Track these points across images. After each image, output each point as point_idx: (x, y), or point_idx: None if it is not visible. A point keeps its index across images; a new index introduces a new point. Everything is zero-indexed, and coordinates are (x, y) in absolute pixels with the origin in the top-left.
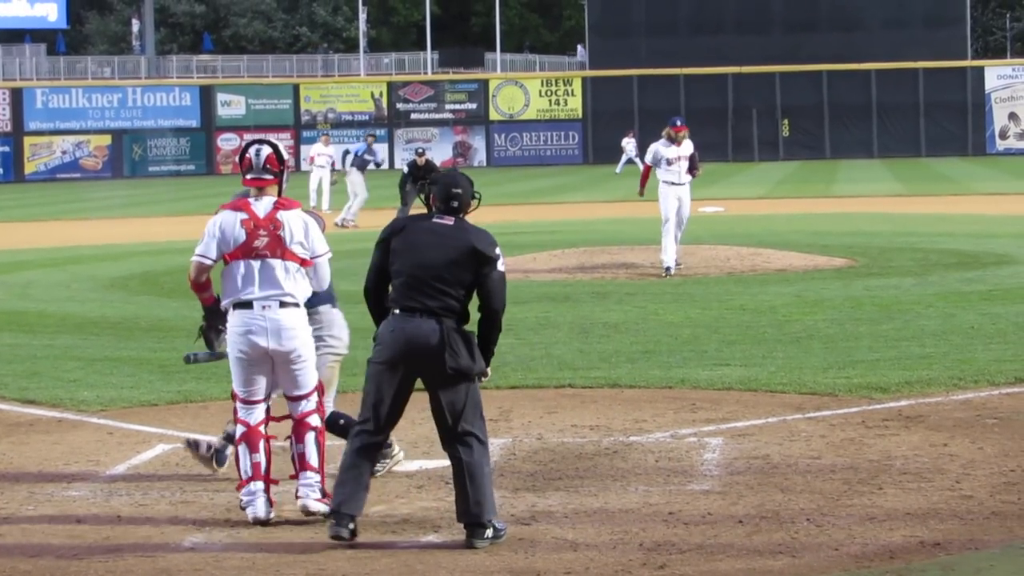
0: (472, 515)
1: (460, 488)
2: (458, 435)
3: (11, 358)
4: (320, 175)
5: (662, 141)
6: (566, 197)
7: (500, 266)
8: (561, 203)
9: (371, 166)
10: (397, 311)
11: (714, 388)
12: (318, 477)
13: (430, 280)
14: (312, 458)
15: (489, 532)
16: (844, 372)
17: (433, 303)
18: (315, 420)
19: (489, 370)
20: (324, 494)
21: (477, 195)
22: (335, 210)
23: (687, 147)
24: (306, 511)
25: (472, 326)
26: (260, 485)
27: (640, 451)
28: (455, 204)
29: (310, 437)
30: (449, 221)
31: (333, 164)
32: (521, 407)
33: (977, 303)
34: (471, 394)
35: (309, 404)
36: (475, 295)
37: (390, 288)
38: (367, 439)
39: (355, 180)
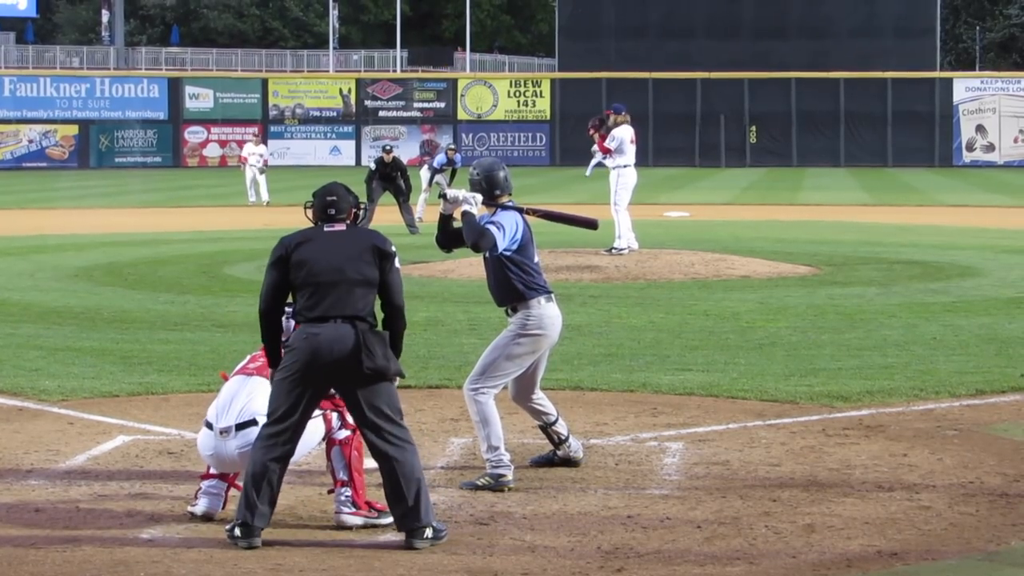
0: (410, 517)
1: (394, 490)
2: (385, 437)
3: None
4: (253, 172)
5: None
6: (532, 198)
7: (397, 263)
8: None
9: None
10: (308, 320)
11: (676, 393)
12: (348, 491)
13: (340, 284)
14: (340, 472)
15: (429, 532)
16: (806, 380)
17: (346, 308)
18: (341, 434)
19: (404, 370)
20: (356, 506)
21: (363, 205)
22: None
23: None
24: (339, 524)
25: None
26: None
27: (600, 454)
28: (332, 212)
29: (335, 451)
30: (341, 227)
31: (265, 162)
32: None
33: (940, 314)
34: (392, 394)
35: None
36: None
37: (293, 302)
38: (280, 450)
39: (422, 175)
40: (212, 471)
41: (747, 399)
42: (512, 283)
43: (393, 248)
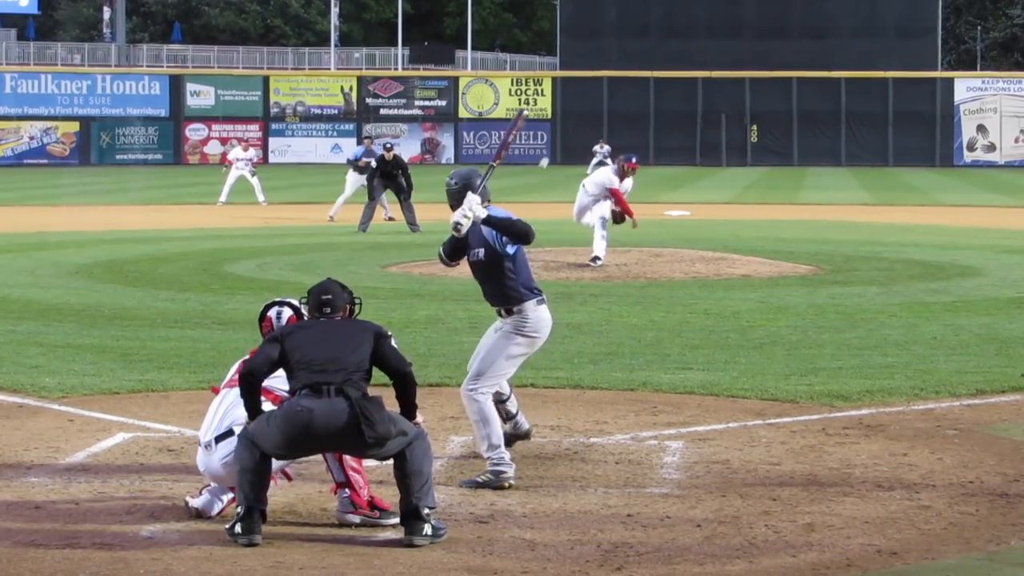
0: (410, 503)
1: (403, 480)
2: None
3: None
4: (239, 174)
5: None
6: (533, 197)
7: (393, 342)
8: (528, 203)
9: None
10: (302, 392)
11: (676, 392)
12: (347, 492)
13: (333, 359)
14: (337, 474)
15: (427, 529)
16: (806, 379)
17: (338, 380)
18: None
19: (420, 418)
20: (356, 506)
21: (358, 300)
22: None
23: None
24: (341, 522)
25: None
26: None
27: (600, 452)
28: (327, 310)
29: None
30: (337, 317)
31: (253, 163)
32: None
33: (940, 314)
34: (393, 443)
35: None
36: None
37: (289, 378)
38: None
39: (348, 179)
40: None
41: (747, 398)
42: (508, 283)
43: (389, 332)
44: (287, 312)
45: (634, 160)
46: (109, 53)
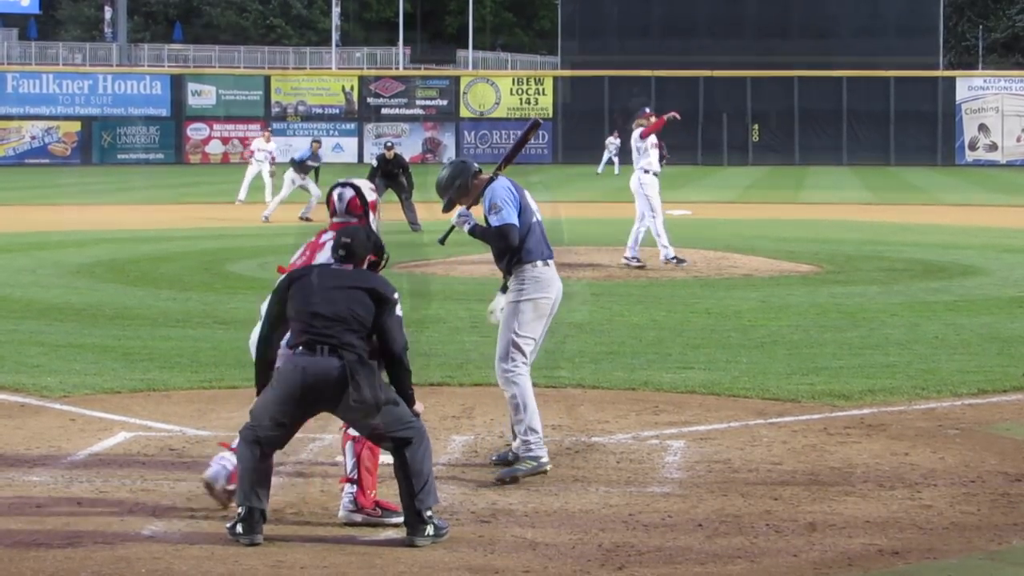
0: (412, 505)
1: (405, 481)
2: (390, 443)
3: None
4: (258, 168)
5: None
6: (534, 196)
7: (398, 309)
8: None
9: (315, 165)
10: (297, 349)
11: (677, 391)
12: (353, 489)
13: (331, 317)
14: (349, 469)
15: (430, 530)
16: (807, 379)
17: (333, 340)
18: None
19: (420, 406)
20: (359, 505)
21: (386, 255)
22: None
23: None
24: (343, 520)
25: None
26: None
27: (602, 452)
28: (342, 253)
29: (348, 446)
30: (348, 267)
31: (272, 158)
32: (484, 405)
33: (942, 313)
34: (389, 413)
35: None
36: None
37: (286, 334)
38: (269, 447)
39: (285, 178)
40: (233, 444)
41: (749, 397)
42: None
43: (395, 295)
44: (348, 193)
45: (647, 110)
46: (110, 53)
